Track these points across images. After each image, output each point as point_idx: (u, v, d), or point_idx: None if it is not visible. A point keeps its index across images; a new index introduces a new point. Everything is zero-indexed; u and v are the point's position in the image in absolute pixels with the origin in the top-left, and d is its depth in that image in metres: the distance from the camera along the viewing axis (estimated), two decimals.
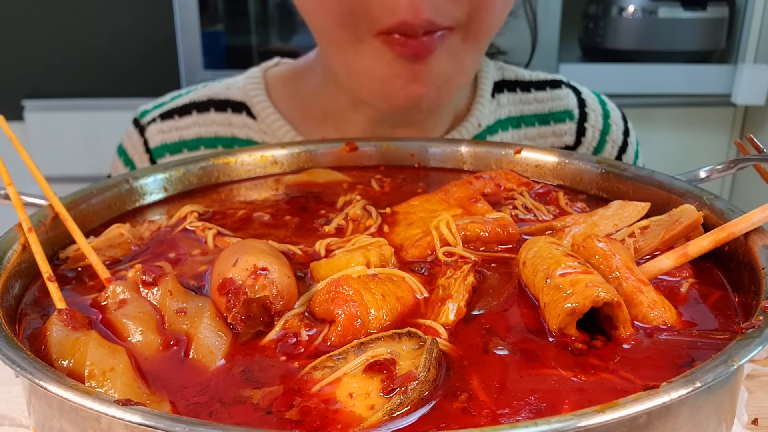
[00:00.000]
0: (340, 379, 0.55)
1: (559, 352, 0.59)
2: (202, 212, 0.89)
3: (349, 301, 0.62)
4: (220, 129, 1.27)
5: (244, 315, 0.62)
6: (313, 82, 1.26)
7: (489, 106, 1.26)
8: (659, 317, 0.62)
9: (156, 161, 1.29)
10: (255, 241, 0.73)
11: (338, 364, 0.56)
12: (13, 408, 0.79)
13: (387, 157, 1.05)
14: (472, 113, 1.24)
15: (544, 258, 0.66)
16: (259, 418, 0.51)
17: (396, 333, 0.59)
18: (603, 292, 0.59)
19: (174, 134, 1.28)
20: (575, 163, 0.94)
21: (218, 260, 0.70)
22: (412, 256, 0.76)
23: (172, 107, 1.30)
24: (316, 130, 1.24)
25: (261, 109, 1.25)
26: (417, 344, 0.58)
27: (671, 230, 0.74)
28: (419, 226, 0.81)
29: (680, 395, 0.46)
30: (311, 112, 1.26)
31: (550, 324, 0.61)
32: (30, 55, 3.37)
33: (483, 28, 1.06)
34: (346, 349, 0.58)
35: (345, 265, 0.69)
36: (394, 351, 0.57)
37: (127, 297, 0.65)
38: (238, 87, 1.29)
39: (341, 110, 1.23)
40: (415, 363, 0.55)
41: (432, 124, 1.22)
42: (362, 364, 0.56)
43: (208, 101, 1.29)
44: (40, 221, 0.77)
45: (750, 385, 0.84)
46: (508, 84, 1.30)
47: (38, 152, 3.28)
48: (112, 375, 0.55)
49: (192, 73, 3.39)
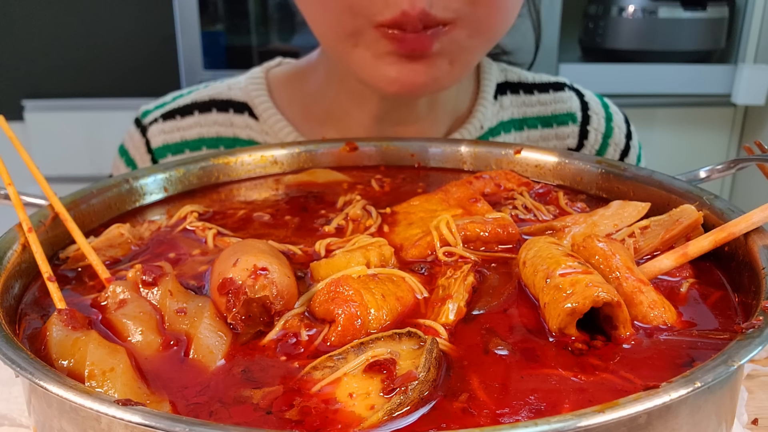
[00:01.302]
0: (340, 379, 0.55)
1: (559, 352, 0.59)
2: (202, 212, 0.89)
3: (349, 301, 0.62)
4: (222, 129, 1.27)
5: (244, 315, 0.62)
6: (316, 82, 1.26)
7: (491, 107, 1.26)
8: (659, 317, 0.62)
9: (158, 162, 1.29)
10: (255, 241, 0.73)
11: (338, 364, 0.56)
12: (13, 408, 0.79)
13: (387, 157, 1.05)
14: (474, 115, 1.24)
15: (544, 258, 0.66)
16: (259, 418, 0.52)
17: (396, 333, 0.59)
18: (603, 292, 0.59)
19: (176, 134, 1.28)
20: (575, 163, 0.94)
21: (218, 260, 0.70)
22: (412, 256, 0.76)
23: (173, 107, 1.30)
24: (317, 131, 1.24)
25: (263, 110, 1.25)
26: (417, 344, 0.58)
27: (671, 230, 0.74)
28: (419, 226, 0.81)
29: (680, 395, 0.46)
30: (313, 112, 1.26)
31: (550, 324, 0.61)
32: (30, 55, 3.37)
33: (491, 23, 1.04)
34: (346, 349, 0.58)
35: (345, 265, 0.69)
36: (394, 351, 0.57)
37: (127, 297, 0.65)
38: (240, 87, 1.29)
39: (343, 109, 1.22)
40: (415, 363, 0.55)
41: (432, 123, 1.22)
42: (362, 364, 0.56)
43: (210, 101, 1.29)
44: (40, 221, 0.77)
45: (750, 385, 0.84)
46: (511, 86, 1.30)
47: (38, 152, 3.28)
48: (112, 375, 0.55)
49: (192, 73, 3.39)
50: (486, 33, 1.05)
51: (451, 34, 1.01)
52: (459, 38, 1.02)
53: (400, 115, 1.20)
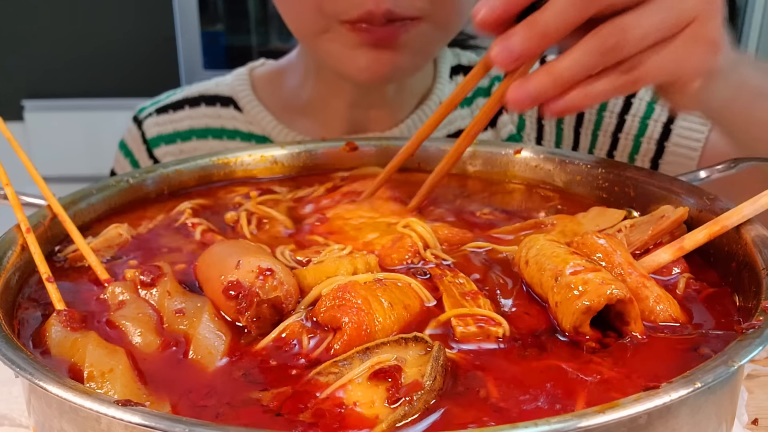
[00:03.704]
0: (345, 386, 0.53)
1: (569, 351, 0.58)
2: (201, 212, 0.89)
3: (356, 309, 0.60)
4: (210, 121, 1.41)
5: (255, 317, 0.62)
6: (295, 78, 1.39)
7: (448, 86, 1.38)
8: (665, 311, 0.62)
9: (152, 150, 1.43)
10: (241, 241, 0.74)
11: (343, 371, 0.55)
12: (13, 408, 0.79)
13: (387, 157, 1.05)
14: (433, 92, 1.36)
15: (549, 256, 0.66)
16: (270, 420, 0.51)
17: (402, 338, 0.58)
18: (616, 289, 0.59)
19: (168, 126, 1.42)
20: (575, 162, 0.94)
21: (210, 261, 0.70)
22: (392, 261, 0.74)
23: (166, 103, 1.45)
24: (297, 120, 1.36)
25: (246, 102, 1.38)
26: (424, 350, 0.57)
27: (659, 225, 0.74)
28: (372, 230, 0.80)
29: (680, 395, 0.46)
30: (293, 103, 1.38)
31: (563, 323, 0.61)
32: (30, 55, 3.37)
33: (451, 19, 1.17)
34: (351, 355, 0.57)
35: (333, 271, 0.68)
36: (401, 357, 0.55)
37: (126, 298, 0.65)
38: (227, 84, 1.43)
39: (321, 98, 1.34)
40: (422, 371, 0.54)
41: (401, 104, 1.34)
42: (367, 371, 0.54)
43: (200, 97, 1.43)
44: (39, 221, 0.77)
45: (750, 385, 0.84)
46: (464, 68, 1.42)
47: (38, 152, 3.28)
48: (112, 376, 0.55)
49: (192, 73, 3.38)
50: (447, 27, 1.19)
51: (416, 27, 1.11)
52: (423, 31, 1.13)
53: (372, 100, 1.31)
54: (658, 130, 1.25)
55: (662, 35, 0.71)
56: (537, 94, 0.72)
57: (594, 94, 0.73)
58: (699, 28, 0.72)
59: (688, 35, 0.72)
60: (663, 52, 0.72)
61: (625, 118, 1.27)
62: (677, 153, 1.24)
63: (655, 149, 1.25)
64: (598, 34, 0.70)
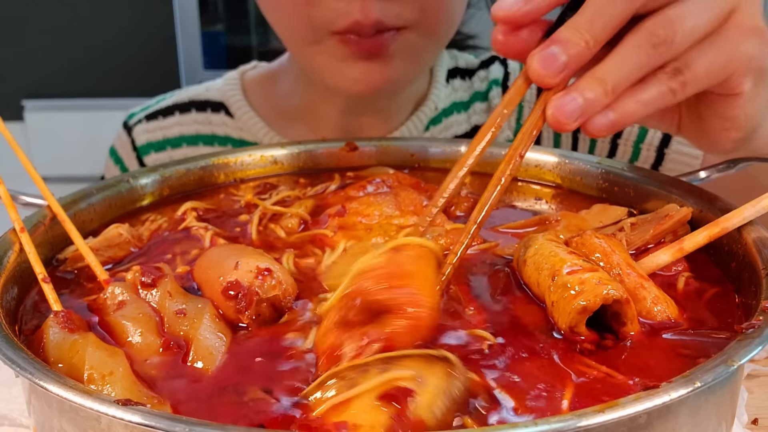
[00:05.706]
0: (351, 401, 0.49)
1: (566, 352, 0.58)
2: (202, 212, 0.89)
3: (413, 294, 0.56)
4: (201, 127, 1.39)
5: (254, 315, 0.63)
6: (287, 83, 1.37)
7: (444, 90, 1.36)
8: (663, 312, 0.62)
9: (142, 158, 1.42)
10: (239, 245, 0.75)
11: (357, 379, 0.50)
12: (13, 408, 0.79)
13: (387, 157, 1.05)
14: (429, 98, 1.34)
15: (546, 256, 0.66)
16: (278, 418, 0.51)
17: (430, 355, 0.52)
18: (613, 289, 0.59)
19: (158, 133, 1.41)
20: (575, 162, 0.94)
21: (207, 264, 0.70)
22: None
23: (156, 109, 1.43)
24: (289, 126, 1.35)
25: (237, 108, 1.37)
26: (447, 374, 0.51)
27: (662, 224, 0.74)
28: (380, 234, 0.80)
29: (680, 395, 0.46)
30: (285, 109, 1.37)
31: (559, 323, 0.61)
32: (30, 55, 3.37)
33: (440, 27, 1.17)
34: (370, 362, 0.52)
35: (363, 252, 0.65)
36: (421, 376, 0.50)
37: (126, 298, 0.65)
38: (217, 89, 1.41)
39: (313, 105, 1.33)
40: (435, 401, 0.49)
41: (395, 110, 1.33)
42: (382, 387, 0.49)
43: (190, 102, 1.41)
44: (39, 221, 0.76)
45: (750, 385, 0.84)
46: (461, 71, 1.41)
47: (38, 152, 3.28)
48: (112, 379, 0.54)
49: (192, 73, 3.38)
50: (436, 35, 1.18)
51: (405, 36, 1.11)
52: (413, 40, 1.12)
53: (365, 109, 1.31)
54: (658, 136, 1.24)
55: (710, 26, 0.63)
56: (587, 105, 0.61)
57: (646, 100, 0.63)
58: (742, 17, 0.65)
59: (732, 26, 0.65)
60: (710, 50, 0.64)
61: None
62: (677, 160, 1.22)
63: (655, 156, 1.24)
64: (644, 27, 0.62)
